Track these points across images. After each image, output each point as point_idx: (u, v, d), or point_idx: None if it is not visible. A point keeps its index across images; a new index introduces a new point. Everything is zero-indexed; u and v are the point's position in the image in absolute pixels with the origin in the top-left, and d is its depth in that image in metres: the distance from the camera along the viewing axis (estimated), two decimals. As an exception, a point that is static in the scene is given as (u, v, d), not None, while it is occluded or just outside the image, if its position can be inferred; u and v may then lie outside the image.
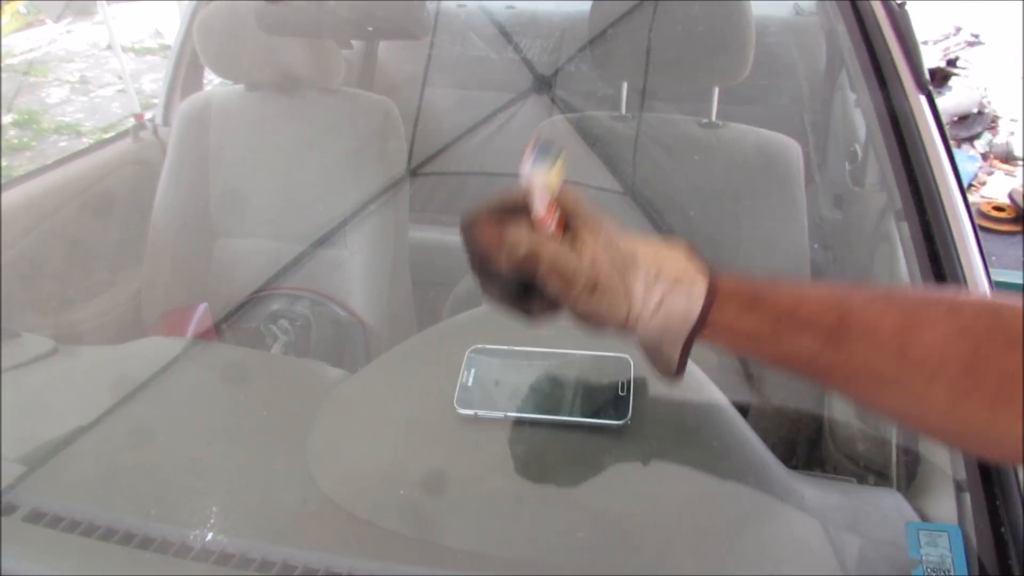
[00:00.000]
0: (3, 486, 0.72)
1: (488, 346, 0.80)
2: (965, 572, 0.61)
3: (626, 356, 0.77)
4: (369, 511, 0.70)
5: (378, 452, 0.76)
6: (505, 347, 0.80)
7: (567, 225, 0.58)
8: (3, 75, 4.94)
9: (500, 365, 0.78)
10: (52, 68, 5.03)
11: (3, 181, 1.45)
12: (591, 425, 0.73)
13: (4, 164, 3.83)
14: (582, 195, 0.58)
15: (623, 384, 0.75)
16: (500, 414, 0.74)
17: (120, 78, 4.24)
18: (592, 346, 0.79)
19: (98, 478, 0.75)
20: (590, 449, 0.72)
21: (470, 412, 0.74)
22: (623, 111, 1.37)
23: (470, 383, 0.77)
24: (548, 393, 0.76)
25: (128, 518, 0.69)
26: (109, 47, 4.89)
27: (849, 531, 0.67)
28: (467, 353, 0.79)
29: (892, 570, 0.63)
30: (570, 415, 0.73)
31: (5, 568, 0.65)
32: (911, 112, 0.95)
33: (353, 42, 2.13)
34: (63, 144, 4.03)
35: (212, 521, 0.69)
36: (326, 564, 0.65)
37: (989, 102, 3.98)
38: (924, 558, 0.63)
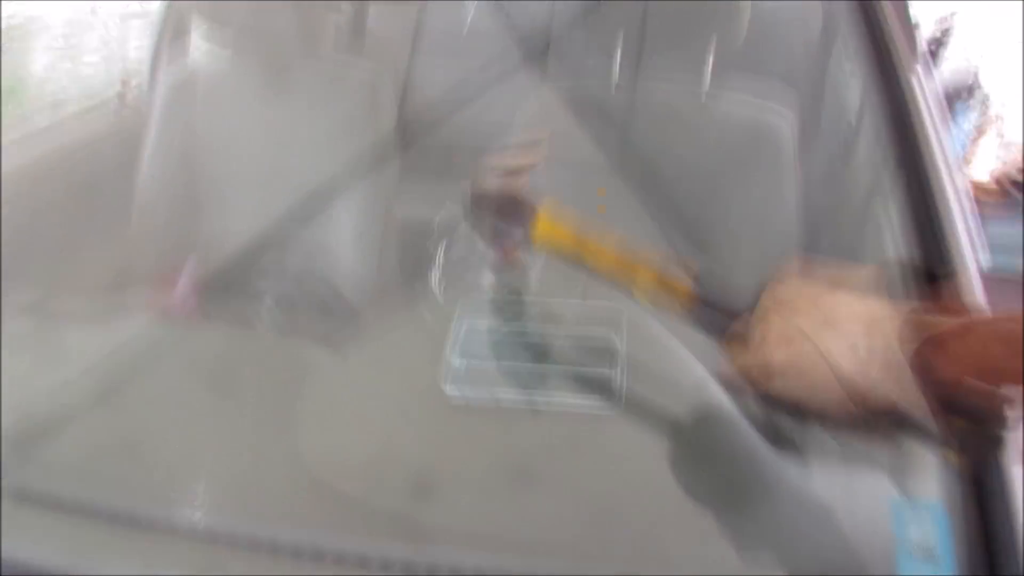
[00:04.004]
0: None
1: (476, 324, 0.79)
2: (949, 549, 0.62)
3: (614, 337, 0.77)
4: (357, 490, 0.70)
5: (366, 430, 0.76)
6: (493, 326, 0.79)
7: None
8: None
9: (487, 343, 0.78)
10: (34, 34, 4.93)
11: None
12: (581, 410, 0.73)
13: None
14: None
15: (614, 370, 0.75)
16: (487, 394, 0.74)
17: (105, 45, 4.17)
18: (580, 326, 0.79)
19: (83, 457, 0.75)
20: (577, 430, 0.72)
21: (457, 391, 0.74)
22: (615, 81, 1.35)
23: (457, 362, 0.76)
24: (536, 374, 0.75)
25: (114, 497, 0.69)
26: (93, 13, 4.80)
27: (832, 509, 0.67)
28: (453, 330, 0.79)
29: (875, 547, 0.64)
30: (561, 399, 0.74)
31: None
32: (905, 85, 0.94)
33: (343, 8, 2.09)
34: (46, 113, 3.97)
35: (199, 500, 0.69)
36: (314, 542, 0.65)
37: (982, 79, 3.95)
38: (907, 536, 0.63)
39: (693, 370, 0.76)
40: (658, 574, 0.63)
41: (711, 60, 1.30)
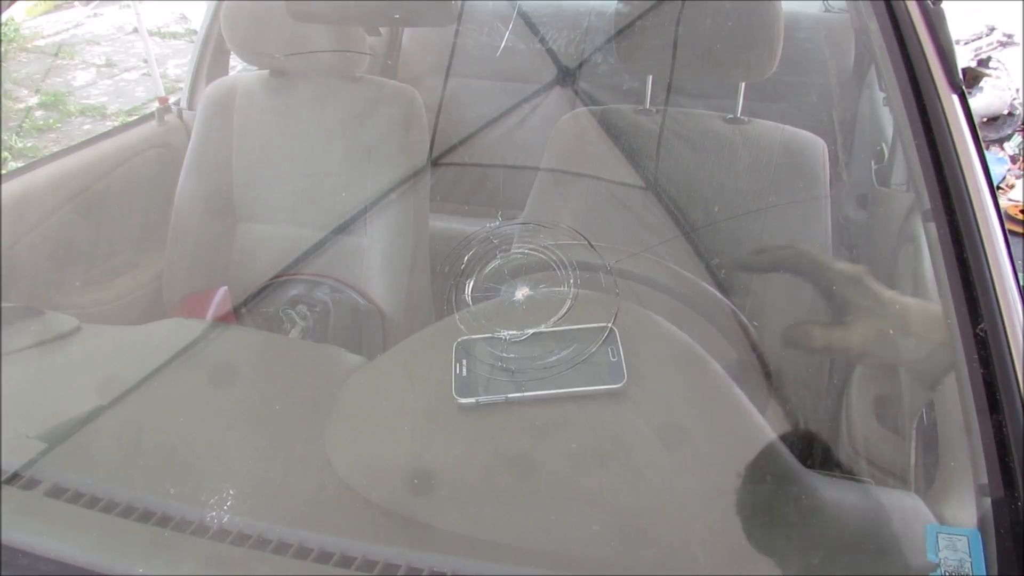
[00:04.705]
0: (25, 461, 0.73)
1: (474, 336, 0.80)
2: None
3: (608, 325, 0.78)
4: (384, 497, 0.70)
5: (394, 439, 0.77)
6: (493, 335, 0.80)
7: None
8: (32, 56, 5.00)
9: (491, 352, 0.79)
10: (79, 50, 5.07)
11: (26, 162, 1.47)
12: (591, 393, 0.73)
13: (30, 144, 3.87)
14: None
15: (612, 350, 0.76)
16: (501, 397, 0.74)
17: (145, 62, 4.28)
18: (574, 320, 0.80)
19: (118, 456, 0.76)
20: (585, 432, 0.73)
21: (470, 399, 0.75)
22: (647, 105, 1.36)
23: (466, 371, 0.77)
24: (544, 368, 0.76)
25: (147, 496, 0.70)
26: (135, 31, 4.93)
27: (866, 532, 0.66)
28: (454, 345, 0.79)
29: (909, 572, 0.63)
30: (569, 386, 0.74)
31: (25, 542, 0.66)
32: (943, 112, 0.93)
33: (379, 30, 2.13)
34: (87, 127, 4.07)
35: (230, 502, 0.69)
36: (341, 548, 0.65)
37: (1020, 104, 3.91)
38: (943, 561, 0.62)
39: (709, 370, 0.77)
40: (667, 574, 0.63)
41: (743, 86, 1.31)
